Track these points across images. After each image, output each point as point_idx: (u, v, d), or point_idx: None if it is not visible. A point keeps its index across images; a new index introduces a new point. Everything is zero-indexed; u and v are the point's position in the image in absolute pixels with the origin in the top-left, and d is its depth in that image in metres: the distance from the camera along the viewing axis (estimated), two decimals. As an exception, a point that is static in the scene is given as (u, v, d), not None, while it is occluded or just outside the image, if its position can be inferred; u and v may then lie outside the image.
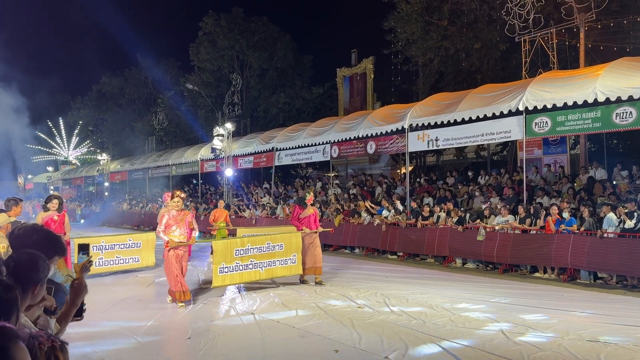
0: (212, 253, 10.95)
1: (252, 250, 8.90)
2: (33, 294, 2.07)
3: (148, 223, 26.03)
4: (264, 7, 51.83)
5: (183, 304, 7.75)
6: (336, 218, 15.62)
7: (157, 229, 7.99)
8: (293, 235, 9.55)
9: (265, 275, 9.11)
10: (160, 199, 28.54)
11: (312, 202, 9.84)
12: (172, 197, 8.00)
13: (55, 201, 9.40)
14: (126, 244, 11.21)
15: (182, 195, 8.15)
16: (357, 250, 14.86)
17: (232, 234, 13.36)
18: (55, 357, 1.47)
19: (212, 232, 14.45)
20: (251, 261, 8.88)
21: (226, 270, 8.52)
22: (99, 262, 10.61)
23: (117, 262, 10.91)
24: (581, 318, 6.91)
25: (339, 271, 11.14)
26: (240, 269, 8.70)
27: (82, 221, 31.15)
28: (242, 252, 8.76)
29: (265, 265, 9.05)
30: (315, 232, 9.81)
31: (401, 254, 13.45)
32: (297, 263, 9.40)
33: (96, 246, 10.56)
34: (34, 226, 2.63)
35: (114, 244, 10.96)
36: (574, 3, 15.31)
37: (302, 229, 9.62)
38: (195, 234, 8.16)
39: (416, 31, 21.46)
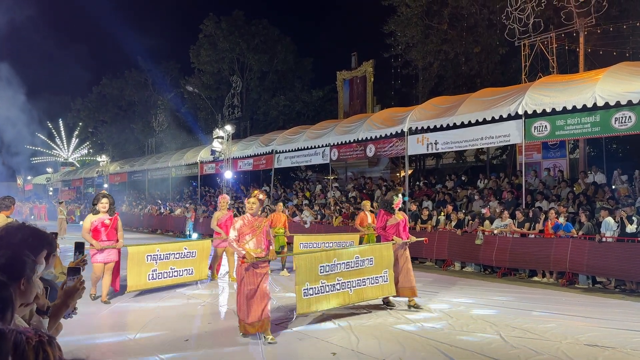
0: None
1: (339, 266, 7.09)
2: (20, 289, 2.06)
3: (147, 225, 26.01)
4: (265, 10, 52.03)
5: (248, 337, 6.11)
6: (335, 220, 15.60)
7: (229, 238, 6.20)
8: (384, 247, 7.77)
9: (355, 297, 7.28)
10: (160, 201, 28.57)
11: (400, 206, 8.08)
12: (249, 197, 6.33)
13: (106, 201, 8.04)
14: (181, 253, 9.56)
15: (262, 196, 6.47)
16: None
17: (289, 242, 12.35)
18: (44, 352, 1.45)
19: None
20: (338, 280, 7.06)
21: (311, 292, 6.72)
22: (152, 274, 8.95)
23: (170, 275, 9.28)
24: (579, 322, 6.89)
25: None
26: (327, 290, 6.92)
27: (81, 223, 31.10)
28: (327, 269, 6.94)
29: (354, 285, 7.24)
30: (407, 243, 8.10)
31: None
32: (389, 282, 7.65)
33: (150, 255, 8.98)
34: (18, 224, 2.61)
35: (169, 253, 9.31)
36: (574, 8, 15.34)
37: (392, 240, 7.87)
38: (272, 246, 6.42)
39: (416, 35, 21.51)
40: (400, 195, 8.05)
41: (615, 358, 5.36)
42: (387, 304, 7.83)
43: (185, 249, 9.68)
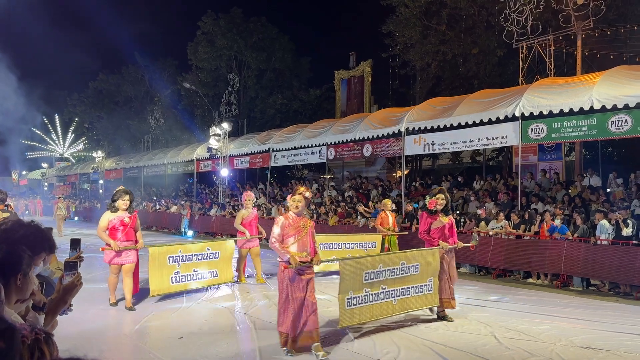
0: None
1: (384, 273, 6.39)
2: (16, 285, 2.04)
3: (142, 222, 25.90)
4: (263, 7, 51.98)
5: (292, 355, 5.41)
6: (331, 219, 15.61)
7: (271, 238, 5.52)
8: (430, 253, 7.05)
9: (399, 307, 6.62)
10: (155, 198, 28.51)
11: (434, 207, 7.19)
12: (293, 194, 5.68)
13: (127, 197, 7.48)
14: (204, 254, 8.99)
15: (308, 193, 5.71)
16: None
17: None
18: (39, 350, 1.43)
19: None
20: (382, 289, 6.37)
21: (355, 302, 6.03)
22: (175, 277, 8.46)
23: (194, 277, 8.72)
24: (573, 324, 6.92)
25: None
26: (371, 299, 6.22)
27: (76, 219, 31.02)
28: (372, 276, 6.25)
29: (398, 294, 6.58)
30: (454, 249, 7.35)
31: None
32: (433, 291, 6.96)
33: (172, 257, 8.43)
34: (21, 221, 2.60)
35: (192, 255, 8.76)
36: (572, 11, 15.40)
37: (438, 245, 7.11)
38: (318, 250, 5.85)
39: (414, 35, 21.53)
40: (438, 195, 7.23)
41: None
42: (442, 318, 7.00)
43: (208, 249, 9.10)
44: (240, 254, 10.03)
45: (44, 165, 50.27)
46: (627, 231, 9.65)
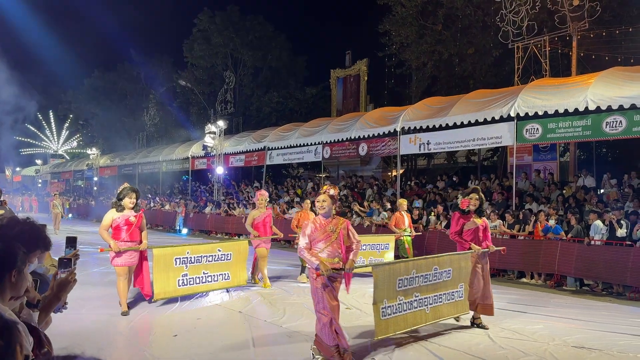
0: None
1: (417, 279, 5.99)
2: (11, 281, 2.04)
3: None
4: (260, 5, 51.82)
5: None
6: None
7: (299, 244, 5.17)
8: (462, 257, 6.61)
9: (432, 316, 6.19)
10: (150, 195, 28.42)
11: (467, 207, 6.75)
12: (318, 194, 5.26)
13: (133, 195, 7.11)
14: (215, 255, 8.48)
15: (332, 191, 5.22)
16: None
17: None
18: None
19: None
20: (415, 296, 5.96)
21: (389, 312, 5.61)
22: (183, 279, 7.91)
23: (203, 280, 8.23)
24: (567, 324, 6.95)
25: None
26: (404, 308, 5.80)
27: (70, 216, 30.89)
28: (405, 283, 5.84)
29: (430, 301, 6.17)
30: (487, 252, 6.85)
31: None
32: (463, 298, 6.58)
33: (179, 258, 7.90)
34: (16, 218, 2.59)
35: (201, 256, 8.26)
36: (568, 12, 15.45)
37: (469, 248, 6.65)
38: (354, 256, 5.23)
39: (410, 35, 21.54)
40: (471, 194, 6.76)
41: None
42: (477, 326, 6.62)
43: (219, 250, 8.55)
44: (259, 254, 9.43)
45: (38, 161, 50.01)
46: (621, 232, 9.71)
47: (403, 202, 11.36)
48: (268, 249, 9.50)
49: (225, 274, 8.57)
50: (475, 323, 6.65)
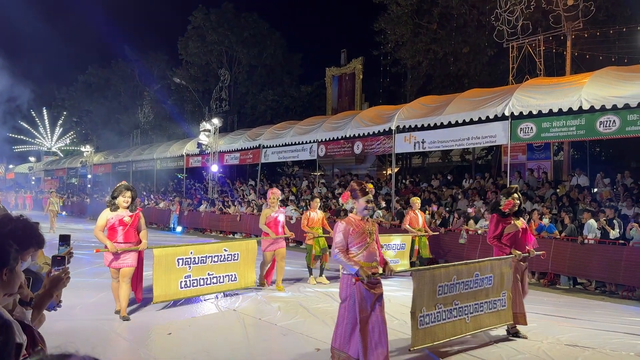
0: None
1: (457, 286, 5.49)
2: (2, 279, 2.03)
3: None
4: (255, 3, 51.63)
5: None
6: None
7: (333, 248, 4.61)
8: (503, 262, 6.05)
9: (472, 326, 5.67)
10: (144, 193, 28.33)
11: (510, 208, 6.25)
12: (363, 194, 4.65)
13: (129, 194, 6.71)
14: (221, 255, 8.04)
15: (368, 188, 4.79)
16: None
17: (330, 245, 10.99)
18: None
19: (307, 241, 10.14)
20: (455, 304, 5.46)
21: (427, 321, 5.16)
22: (185, 281, 7.54)
23: (208, 282, 7.83)
24: (560, 322, 6.99)
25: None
26: (443, 317, 5.33)
27: (64, 213, 30.75)
28: (446, 290, 5.37)
29: (471, 310, 5.64)
30: (528, 257, 6.35)
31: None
32: (506, 307, 6.02)
33: (182, 259, 7.51)
34: (9, 215, 2.58)
35: (206, 256, 7.84)
36: (562, 11, 15.52)
37: (510, 252, 6.11)
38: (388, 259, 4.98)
39: (406, 33, 21.58)
40: (514, 194, 6.27)
41: (594, 358, 5.44)
42: (514, 335, 6.13)
43: (226, 250, 8.10)
44: (265, 258, 9.00)
45: (32, 159, 49.75)
46: (614, 233, 9.77)
47: (416, 201, 11.04)
48: (282, 248, 9.01)
49: (232, 275, 8.14)
50: (510, 332, 6.17)
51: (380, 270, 4.65)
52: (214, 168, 22.58)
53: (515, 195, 6.30)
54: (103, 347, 5.55)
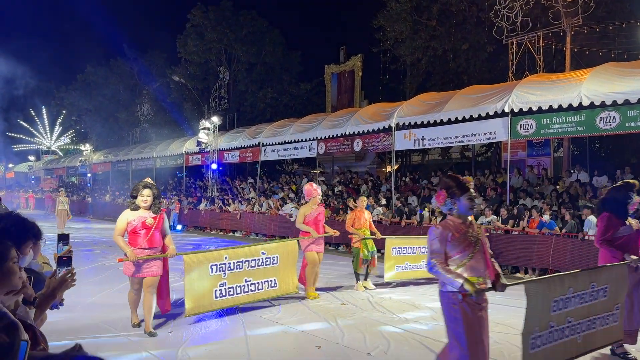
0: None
1: (572, 300, 4.51)
2: None
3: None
4: (253, 0, 51.61)
5: None
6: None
7: (428, 258, 3.78)
8: (619, 271, 4.98)
9: (583, 346, 4.67)
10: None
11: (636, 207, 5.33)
12: (462, 190, 3.85)
13: (147, 193, 5.86)
14: (259, 259, 7.25)
15: (468, 182, 3.98)
16: (341, 247, 14.85)
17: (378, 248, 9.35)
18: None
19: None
20: (568, 321, 4.47)
21: (539, 343, 4.21)
22: (221, 290, 6.71)
23: (245, 290, 7.02)
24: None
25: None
26: (555, 337, 4.36)
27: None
28: (560, 306, 4.41)
29: (584, 328, 4.65)
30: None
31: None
32: (618, 322, 5.04)
33: (216, 265, 6.67)
34: (5, 213, 2.57)
35: (242, 261, 7.03)
36: (562, 7, 15.49)
37: (624, 258, 5.17)
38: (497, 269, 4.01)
39: (405, 30, 21.55)
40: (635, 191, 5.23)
41: (595, 354, 5.43)
42: (621, 356, 5.19)
43: (264, 253, 7.32)
44: (308, 260, 8.00)
45: (31, 158, 49.74)
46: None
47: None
48: (320, 252, 8.07)
49: (271, 280, 7.35)
50: (616, 352, 5.24)
51: (489, 285, 3.80)
52: (214, 166, 22.57)
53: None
54: (105, 346, 5.53)
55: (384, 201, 15.19)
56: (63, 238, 2.85)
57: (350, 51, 27.56)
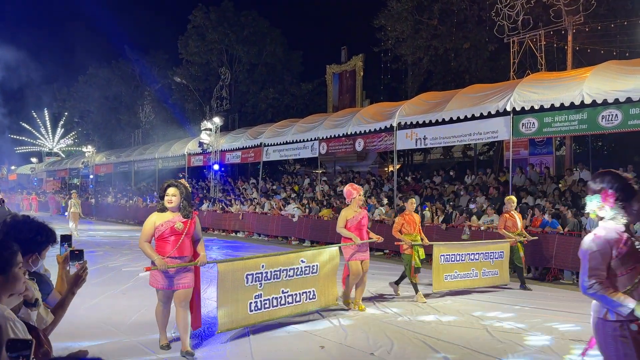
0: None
1: None
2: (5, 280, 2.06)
3: (133, 217, 25.80)
4: (254, 1, 51.60)
5: None
6: (323, 211, 15.63)
7: (588, 278, 2.92)
8: None
9: None
10: (146, 193, 28.33)
11: None
12: (628, 190, 2.90)
13: (173, 192, 5.14)
14: (297, 268, 6.56)
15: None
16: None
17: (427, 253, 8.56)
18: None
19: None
20: None
21: None
22: (256, 302, 6.04)
23: (282, 302, 6.35)
24: (564, 317, 6.98)
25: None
26: None
27: (67, 214, 30.77)
28: None
29: None
30: None
31: (387, 251, 13.46)
32: None
33: (252, 274, 6.02)
34: (25, 218, 2.59)
35: (280, 270, 6.34)
36: (563, 6, 15.47)
37: None
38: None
39: (406, 30, 21.53)
40: None
41: (599, 353, 5.42)
42: None
43: (303, 261, 6.64)
44: (352, 270, 7.18)
45: (33, 160, 49.80)
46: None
47: (513, 200, 9.35)
48: (366, 261, 7.26)
49: (310, 291, 6.67)
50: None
51: None
52: (216, 167, 22.59)
53: None
54: (109, 347, 5.53)
55: (385, 201, 15.17)
56: (66, 239, 2.86)
57: (351, 51, 27.56)
